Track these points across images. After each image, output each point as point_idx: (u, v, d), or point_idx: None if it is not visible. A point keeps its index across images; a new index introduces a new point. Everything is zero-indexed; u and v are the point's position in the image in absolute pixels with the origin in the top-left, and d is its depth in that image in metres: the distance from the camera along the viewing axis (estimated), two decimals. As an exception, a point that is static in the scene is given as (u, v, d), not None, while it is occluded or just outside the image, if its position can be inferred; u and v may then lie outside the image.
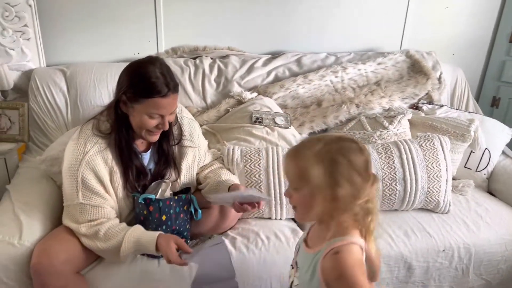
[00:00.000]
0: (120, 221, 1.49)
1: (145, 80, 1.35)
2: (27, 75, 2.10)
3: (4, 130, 1.94)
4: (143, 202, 1.48)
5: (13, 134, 1.94)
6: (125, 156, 1.46)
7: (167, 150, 1.55)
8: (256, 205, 1.43)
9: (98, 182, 1.43)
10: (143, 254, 1.49)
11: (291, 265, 1.17)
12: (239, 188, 1.51)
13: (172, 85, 1.37)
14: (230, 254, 1.24)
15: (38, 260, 1.32)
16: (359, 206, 0.97)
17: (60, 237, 1.41)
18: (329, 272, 0.95)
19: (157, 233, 1.38)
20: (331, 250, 0.96)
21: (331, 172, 0.95)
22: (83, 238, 1.41)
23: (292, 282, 1.13)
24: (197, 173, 1.69)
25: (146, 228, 1.49)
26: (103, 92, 2.06)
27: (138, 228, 1.42)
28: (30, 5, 2.00)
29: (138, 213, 1.51)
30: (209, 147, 1.95)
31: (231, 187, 1.52)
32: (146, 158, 1.55)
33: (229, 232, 1.65)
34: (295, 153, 1.01)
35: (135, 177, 1.50)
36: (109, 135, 1.45)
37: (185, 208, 1.54)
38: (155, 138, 1.47)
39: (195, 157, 1.62)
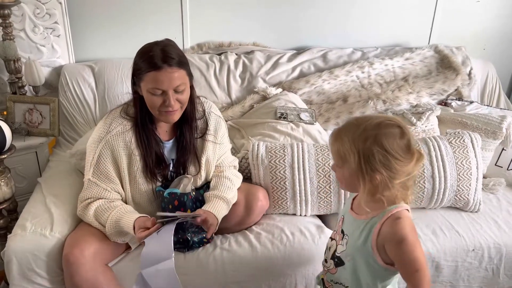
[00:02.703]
0: (139, 211, 1.51)
1: (143, 56, 1.37)
2: (57, 71, 2.16)
3: (35, 124, 1.99)
4: (168, 196, 1.50)
5: (44, 128, 1.99)
6: (144, 140, 1.48)
7: (189, 140, 1.54)
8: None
9: (112, 163, 1.47)
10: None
11: (331, 237, 1.24)
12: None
13: (169, 60, 1.34)
14: (172, 233, 1.25)
15: (69, 251, 1.36)
16: (399, 184, 1.03)
17: (90, 229, 1.44)
18: (390, 237, 1.03)
19: (135, 216, 1.39)
20: (390, 216, 1.04)
21: (366, 160, 1.01)
22: (81, 216, 1.47)
23: (334, 251, 1.19)
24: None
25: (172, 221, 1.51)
26: (130, 87, 2.09)
27: (122, 209, 1.44)
28: (60, 3, 2.04)
29: (164, 207, 1.52)
30: (234, 143, 1.96)
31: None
32: (168, 147, 1.55)
33: (254, 227, 1.65)
34: (336, 136, 1.07)
35: (155, 164, 1.51)
36: (134, 119, 1.48)
37: None
38: (172, 118, 1.44)
39: (215, 153, 1.61)
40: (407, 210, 1.06)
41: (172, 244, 1.24)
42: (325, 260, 1.24)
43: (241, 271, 1.53)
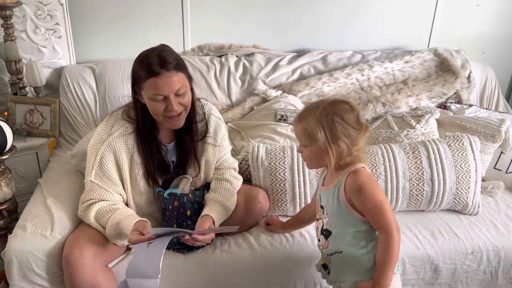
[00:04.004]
0: (139, 212, 1.51)
1: (141, 64, 1.37)
2: (58, 72, 2.16)
3: (36, 125, 1.99)
4: (168, 197, 1.51)
5: (44, 129, 2.00)
6: (146, 146, 1.48)
7: (189, 143, 1.55)
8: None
9: (115, 165, 1.47)
10: (169, 249, 1.52)
11: (316, 219, 1.37)
12: (203, 225, 1.43)
13: (167, 65, 1.34)
14: (163, 253, 1.22)
15: (69, 252, 1.36)
16: (357, 151, 1.24)
17: (90, 230, 1.44)
18: (352, 187, 1.21)
19: (136, 220, 1.39)
20: (349, 174, 1.23)
21: (330, 131, 1.20)
22: (82, 217, 1.46)
23: (322, 227, 1.32)
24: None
25: (172, 222, 1.51)
26: (130, 89, 2.09)
27: (123, 211, 1.44)
28: (61, 4, 2.05)
29: (164, 208, 1.53)
30: (234, 144, 1.96)
31: (201, 219, 1.47)
32: (169, 149, 1.56)
33: (253, 229, 1.66)
34: (301, 119, 1.25)
35: (156, 168, 1.51)
36: (136, 125, 1.48)
37: None
38: (178, 123, 1.45)
39: (215, 156, 1.62)
40: (364, 168, 1.25)
41: (161, 265, 1.21)
42: (318, 240, 1.35)
43: (241, 272, 1.53)
